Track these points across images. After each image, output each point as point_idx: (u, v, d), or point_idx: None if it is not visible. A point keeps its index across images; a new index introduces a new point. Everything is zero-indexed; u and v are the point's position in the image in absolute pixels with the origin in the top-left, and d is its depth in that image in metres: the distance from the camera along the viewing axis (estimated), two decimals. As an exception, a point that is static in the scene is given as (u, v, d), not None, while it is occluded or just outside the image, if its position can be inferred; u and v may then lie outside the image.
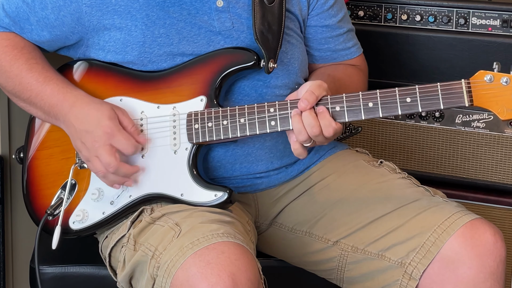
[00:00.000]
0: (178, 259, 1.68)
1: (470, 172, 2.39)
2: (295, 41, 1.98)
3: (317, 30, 2.03)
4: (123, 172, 1.84)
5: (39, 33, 1.93)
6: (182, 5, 1.89)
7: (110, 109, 1.84)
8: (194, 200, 1.85)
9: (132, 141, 1.83)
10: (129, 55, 1.89)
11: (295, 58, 1.98)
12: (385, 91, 1.77)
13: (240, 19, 1.91)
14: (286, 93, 1.94)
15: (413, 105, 1.76)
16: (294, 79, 1.98)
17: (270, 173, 1.98)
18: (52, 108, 1.89)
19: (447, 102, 1.74)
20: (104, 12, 1.88)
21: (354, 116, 1.78)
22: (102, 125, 1.82)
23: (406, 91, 1.76)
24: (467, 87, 1.73)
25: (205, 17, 1.89)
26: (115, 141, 1.82)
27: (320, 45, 2.05)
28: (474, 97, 1.72)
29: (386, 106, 1.77)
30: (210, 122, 1.85)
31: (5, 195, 2.45)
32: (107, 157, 1.81)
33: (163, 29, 1.88)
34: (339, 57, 2.08)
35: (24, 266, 2.24)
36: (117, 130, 1.82)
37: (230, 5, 1.90)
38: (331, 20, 2.03)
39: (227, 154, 1.92)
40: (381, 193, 1.93)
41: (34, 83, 1.90)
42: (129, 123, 1.85)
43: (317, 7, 2.01)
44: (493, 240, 1.78)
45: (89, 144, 1.83)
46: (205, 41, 1.89)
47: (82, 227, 1.93)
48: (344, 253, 1.92)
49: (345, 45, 2.08)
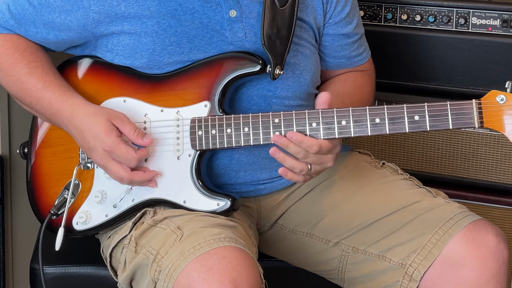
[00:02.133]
0: (179, 263, 1.68)
1: (470, 172, 2.38)
2: (308, 51, 1.95)
3: (334, 38, 2.00)
4: (139, 180, 1.82)
5: (45, 36, 1.91)
6: (194, 14, 1.86)
7: (106, 121, 1.80)
8: (196, 208, 1.83)
9: (132, 154, 1.79)
10: (138, 61, 1.87)
11: (307, 69, 1.94)
12: (393, 107, 1.73)
13: (253, 29, 1.88)
14: (295, 104, 1.92)
15: (421, 124, 1.71)
16: (305, 90, 1.95)
17: (273, 179, 1.97)
18: (53, 117, 1.88)
19: (457, 122, 1.69)
20: (113, 19, 1.85)
21: (360, 131, 1.75)
22: (99, 143, 1.79)
23: (415, 108, 1.71)
24: (478, 108, 1.68)
25: (218, 27, 1.86)
26: (116, 157, 1.80)
27: (336, 53, 2.03)
28: (484, 118, 1.68)
29: (393, 123, 1.73)
30: (214, 129, 1.82)
31: (5, 195, 2.45)
32: (117, 173, 1.81)
33: (174, 38, 1.85)
34: (352, 64, 2.06)
35: (24, 266, 2.23)
36: (114, 147, 1.79)
37: (243, 15, 1.87)
38: (347, 28, 2.00)
39: (232, 162, 1.90)
40: (383, 194, 1.93)
41: (33, 89, 1.88)
42: (130, 130, 1.81)
43: (334, 16, 1.98)
44: (495, 241, 1.78)
45: (97, 162, 1.84)
46: (217, 50, 1.86)
47: (85, 228, 1.92)
48: (345, 253, 1.92)
49: (358, 51, 2.06)
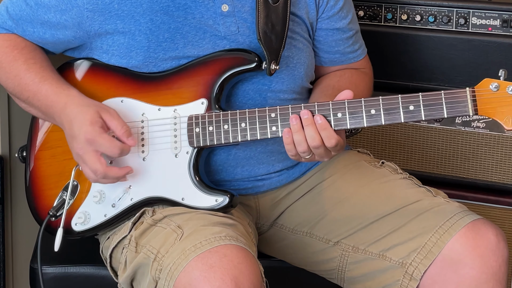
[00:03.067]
0: (180, 262, 1.68)
1: (470, 172, 2.38)
2: (301, 45, 1.96)
3: (328, 33, 2.01)
4: (113, 175, 1.82)
5: (41, 36, 1.92)
6: (187, 10, 1.87)
7: (94, 113, 1.81)
8: (195, 205, 1.84)
9: (114, 143, 1.79)
10: (134, 60, 1.88)
11: (301, 63, 1.96)
12: (388, 98, 1.74)
13: (246, 23, 1.89)
14: (290, 98, 1.94)
15: (416, 113, 1.73)
16: (300, 83, 1.96)
17: (271, 175, 1.98)
18: (48, 109, 1.88)
19: (451, 110, 1.71)
20: (107, 17, 1.86)
21: (356, 123, 1.76)
22: (83, 131, 1.79)
23: (409, 99, 1.73)
24: (472, 95, 1.70)
25: (210, 22, 1.88)
26: (97, 146, 1.79)
27: (330, 48, 2.03)
28: (478, 106, 1.69)
29: (388, 113, 1.74)
30: (211, 126, 1.83)
31: (5, 195, 2.45)
32: (92, 164, 1.80)
33: (167, 34, 1.87)
34: (347, 60, 2.06)
35: (24, 266, 2.24)
36: (97, 135, 1.79)
37: (236, 10, 1.89)
38: (341, 23, 2.01)
39: (229, 158, 1.91)
40: (383, 194, 1.93)
41: (30, 84, 1.89)
42: (117, 126, 1.81)
43: (326, 10, 1.99)
44: (495, 240, 1.78)
45: (75, 151, 1.83)
46: (210, 45, 1.88)
47: (84, 228, 1.92)
48: (345, 253, 1.93)
49: (353, 48, 2.06)
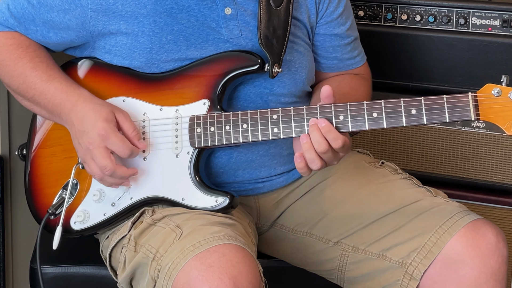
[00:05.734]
0: (179, 261, 1.68)
1: (470, 172, 2.38)
2: (303, 49, 1.96)
3: (325, 38, 2.01)
4: (120, 174, 1.82)
5: (44, 35, 1.92)
6: (190, 12, 1.87)
7: (109, 111, 1.82)
8: (195, 205, 1.84)
9: (127, 143, 1.80)
10: (136, 61, 1.88)
11: (303, 67, 1.95)
12: (390, 101, 1.74)
13: (249, 27, 1.89)
14: (291, 101, 1.93)
15: (418, 117, 1.72)
16: (301, 87, 1.96)
17: (272, 178, 1.98)
18: (55, 107, 1.88)
19: (453, 115, 1.70)
20: (110, 17, 1.86)
21: (358, 126, 1.75)
22: (97, 127, 1.80)
23: (412, 102, 1.73)
24: (474, 100, 1.70)
25: (213, 24, 1.88)
26: (110, 143, 1.80)
27: (328, 53, 2.03)
28: (480, 111, 1.69)
29: (390, 117, 1.74)
30: (212, 126, 1.83)
31: (5, 195, 2.45)
32: (102, 160, 1.80)
33: (170, 36, 1.86)
34: (345, 67, 2.06)
35: (24, 266, 2.24)
36: (111, 132, 1.79)
37: (239, 13, 1.88)
38: (339, 29, 2.01)
39: (230, 160, 1.91)
40: (382, 194, 1.93)
41: (38, 82, 1.89)
42: (130, 128, 1.83)
43: (325, 16, 1.98)
44: (495, 240, 1.78)
45: (85, 145, 1.82)
46: (213, 48, 1.87)
47: (83, 227, 1.92)
48: (344, 253, 1.92)
49: (352, 54, 2.06)
